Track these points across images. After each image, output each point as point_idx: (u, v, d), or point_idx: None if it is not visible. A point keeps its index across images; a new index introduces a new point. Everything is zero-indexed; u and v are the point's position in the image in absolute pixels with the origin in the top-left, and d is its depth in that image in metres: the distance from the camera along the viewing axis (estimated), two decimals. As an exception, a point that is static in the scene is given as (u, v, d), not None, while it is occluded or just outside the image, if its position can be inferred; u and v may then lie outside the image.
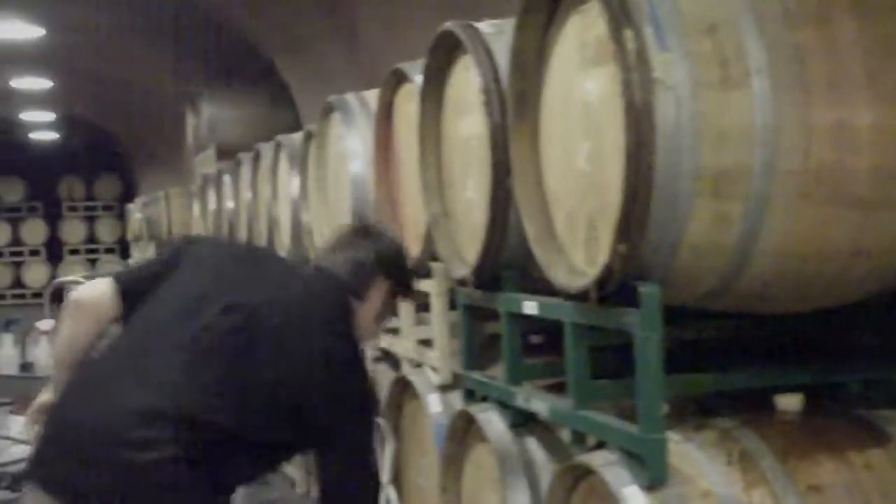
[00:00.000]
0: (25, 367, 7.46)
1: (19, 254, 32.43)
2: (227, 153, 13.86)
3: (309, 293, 3.63)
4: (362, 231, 3.91)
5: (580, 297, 3.39)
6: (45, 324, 7.38)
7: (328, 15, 12.05)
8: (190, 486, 3.29)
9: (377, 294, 3.73)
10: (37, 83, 21.84)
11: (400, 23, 10.34)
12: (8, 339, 7.41)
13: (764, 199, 3.09)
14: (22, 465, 10.03)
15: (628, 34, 3.02)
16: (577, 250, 3.54)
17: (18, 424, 11.46)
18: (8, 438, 11.03)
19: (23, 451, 10.50)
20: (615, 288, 3.20)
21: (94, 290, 3.73)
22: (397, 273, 3.80)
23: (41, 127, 30.55)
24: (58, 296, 8.56)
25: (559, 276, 3.54)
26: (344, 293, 3.64)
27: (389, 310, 3.88)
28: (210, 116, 14.84)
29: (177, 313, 3.53)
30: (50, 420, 3.57)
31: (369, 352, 5.67)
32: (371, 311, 3.73)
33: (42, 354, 7.29)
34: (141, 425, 3.27)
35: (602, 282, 3.22)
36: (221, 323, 3.45)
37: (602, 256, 3.27)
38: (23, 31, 16.28)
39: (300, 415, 3.42)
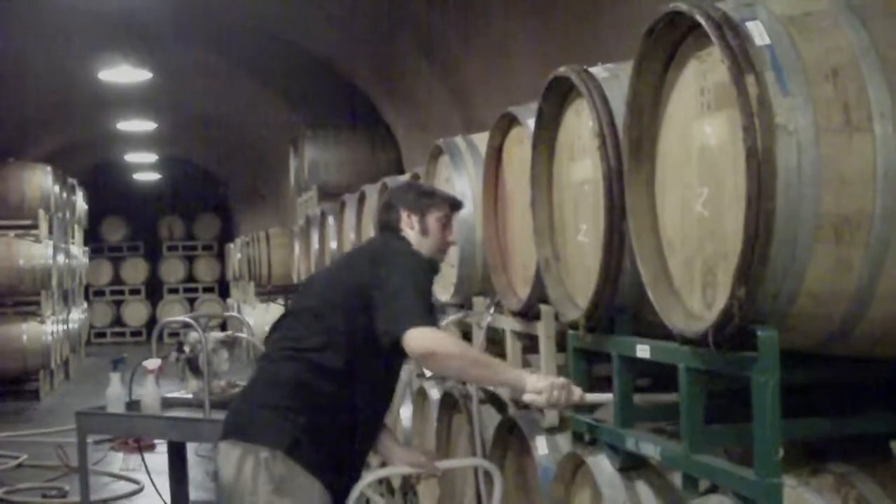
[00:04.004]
0: (131, 405, 7.54)
1: (120, 292, 32.88)
2: (328, 194, 14.00)
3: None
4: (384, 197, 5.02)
5: (696, 341, 3.40)
6: (151, 363, 7.46)
7: (431, 59, 12.15)
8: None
9: (416, 221, 4.71)
10: (141, 125, 22.21)
11: (501, 67, 10.40)
12: (116, 377, 7.50)
13: (885, 245, 3.07)
14: (124, 501, 10.19)
15: (750, 80, 3.03)
16: (694, 295, 3.54)
17: (119, 461, 11.64)
18: (110, 475, 11.20)
19: (122, 486, 10.67)
20: (733, 332, 3.20)
21: None
22: (413, 199, 4.75)
23: (144, 168, 31.07)
24: (162, 336, 8.67)
25: (676, 320, 3.54)
26: (385, 232, 4.77)
27: (438, 230, 4.73)
28: (312, 158, 14.97)
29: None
30: None
31: (473, 391, 5.71)
32: (423, 239, 4.69)
33: (148, 393, 7.36)
34: None
35: (720, 326, 3.21)
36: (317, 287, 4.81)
37: (720, 301, 3.27)
38: (130, 75, 16.59)
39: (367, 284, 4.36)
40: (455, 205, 4.87)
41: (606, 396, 4.26)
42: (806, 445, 3.75)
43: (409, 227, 4.69)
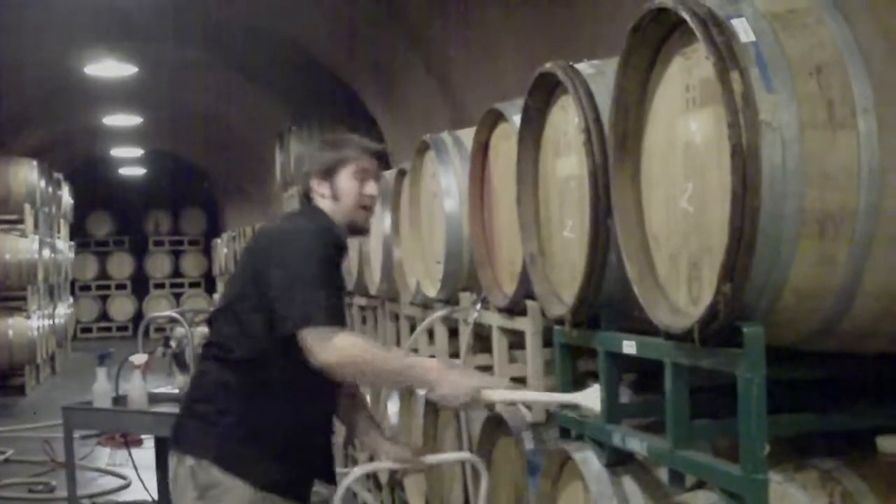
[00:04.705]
0: (118, 400, 7.54)
1: (106, 287, 32.84)
2: (314, 189, 13.98)
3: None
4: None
5: (682, 337, 3.41)
6: (138, 358, 7.46)
7: (418, 54, 12.15)
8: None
9: (326, 187, 4.37)
10: (127, 120, 22.19)
11: (488, 62, 10.40)
12: (102, 373, 7.50)
13: (869, 241, 3.08)
14: (111, 496, 10.19)
15: (735, 76, 3.04)
16: (679, 290, 3.54)
17: (106, 456, 11.65)
18: (97, 470, 11.20)
19: (109, 482, 10.67)
20: (718, 328, 3.21)
21: None
22: (323, 161, 4.42)
23: (130, 162, 31.05)
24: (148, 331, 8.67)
25: (661, 315, 3.55)
26: (302, 204, 4.46)
27: (352, 189, 4.37)
28: (298, 152, 14.95)
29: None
30: None
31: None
32: (336, 204, 4.37)
33: (135, 388, 7.36)
34: None
35: (706, 322, 3.22)
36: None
37: (705, 297, 3.28)
38: (116, 69, 16.57)
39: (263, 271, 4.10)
40: (371, 151, 4.49)
41: (521, 395, 4.31)
42: (791, 441, 3.76)
43: (322, 196, 4.38)
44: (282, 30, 14.68)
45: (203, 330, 7.59)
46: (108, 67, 16.49)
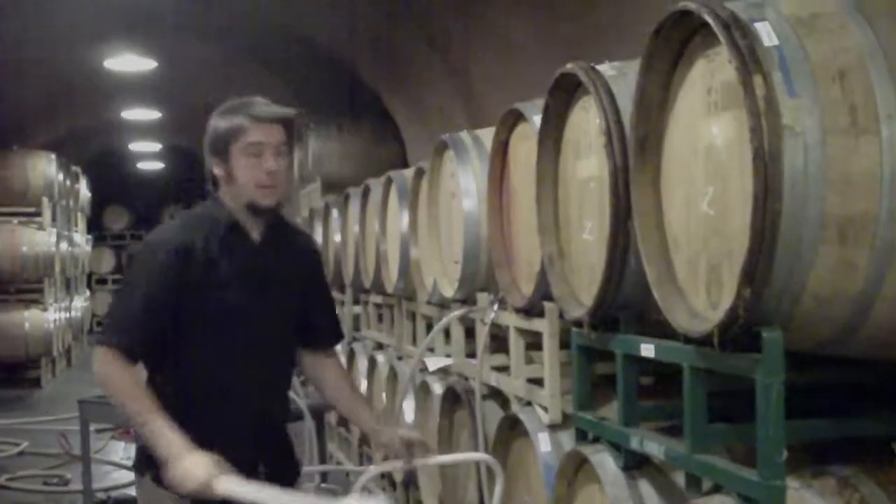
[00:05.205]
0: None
1: (122, 280, 32.79)
2: (332, 187, 13.99)
3: None
4: None
5: (701, 341, 3.40)
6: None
7: (438, 54, 12.14)
8: None
9: (221, 167, 3.94)
10: (146, 114, 22.20)
11: (506, 62, 10.39)
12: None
13: (889, 246, 3.07)
14: (125, 490, 10.20)
15: (758, 80, 3.03)
16: (699, 294, 3.54)
17: (120, 450, 11.66)
18: (110, 463, 11.21)
19: (124, 476, 10.68)
20: (737, 333, 3.20)
21: None
22: (215, 136, 3.95)
23: (148, 157, 31.03)
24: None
25: (680, 319, 3.54)
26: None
27: (246, 166, 3.89)
28: (316, 149, 14.95)
29: None
30: None
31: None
32: (232, 186, 3.94)
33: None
34: None
35: (725, 326, 3.22)
36: None
37: (725, 301, 3.28)
38: (135, 63, 16.57)
39: None
40: (266, 118, 3.93)
41: (265, 495, 3.62)
42: (808, 447, 3.74)
43: (224, 181, 3.98)
44: (300, 27, 14.67)
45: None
46: (128, 62, 16.49)
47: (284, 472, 4.14)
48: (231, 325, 3.97)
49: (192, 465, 3.61)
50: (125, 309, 3.94)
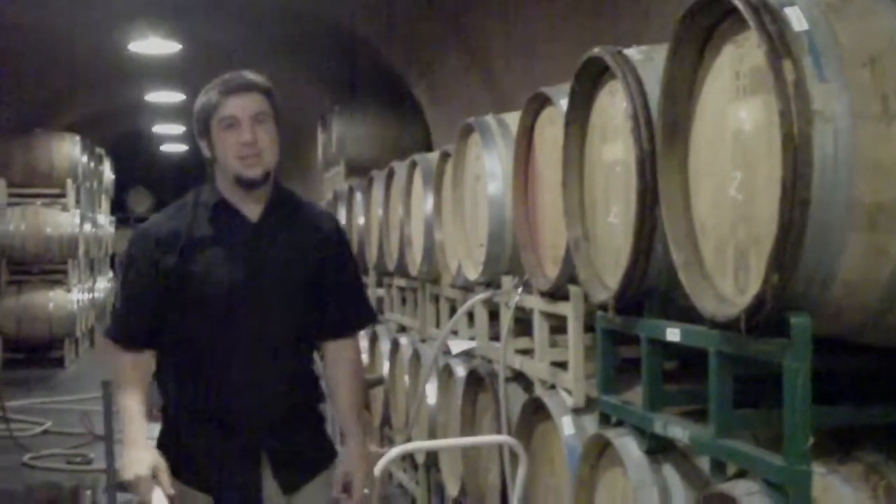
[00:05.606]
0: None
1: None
2: (355, 170, 14.00)
3: None
4: None
5: (727, 325, 3.39)
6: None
7: (462, 37, 12.13)
8: None
9: (207, 146, 3.93)
10: (170, 97, 22.22)
11: (529, 45, 10.38)
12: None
13: (919, 233, 3.07)
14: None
15: (787, 65, 3.02)
16: (726, 279, 3.53)
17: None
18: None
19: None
20: (765, 318, 3.20)
21: None
22: (196, 117, 3.94)
23: (171, 139, 31.09)
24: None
25: (707, 304, 3.54)
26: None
27: (225, 139, 3.86)
28: (340, 132, 14.95)
29: None
30: None
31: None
32: (219, 164, 3.93)
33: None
34: None
35: (752, 311, 3.21)
36: None
37: (752, 286, 3.27)
38: (160, 46, 16.59)
39: None
40: (228, 90, 3.88)
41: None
42: (834, 433, 3.74)
43: (212, 162, 3.97)
44: (324, 12, 14.66)
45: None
46: (153, 45, 16.50)
47: (294, 466, 4.04)
48: (219, 307, 3.90)
49: (135, 458, 3.70)
50: (116, 300, 4.07)
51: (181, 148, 32.57)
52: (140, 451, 3.74)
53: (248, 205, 3.98)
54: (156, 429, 4.00)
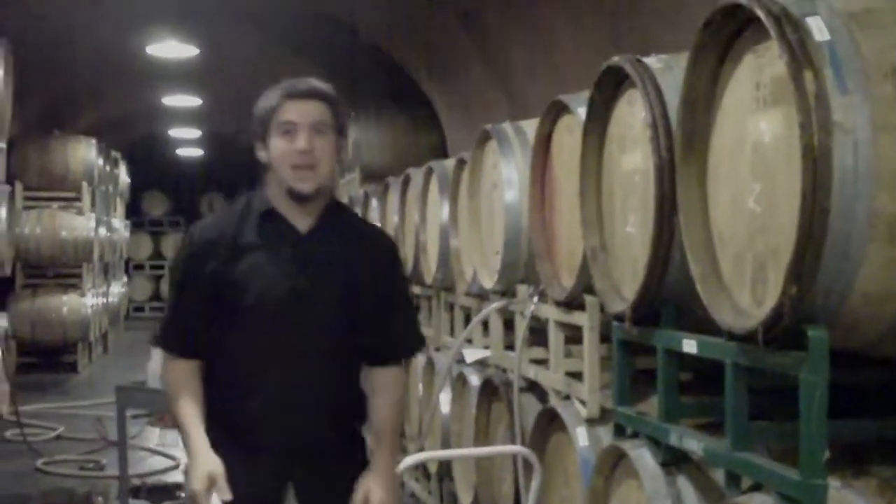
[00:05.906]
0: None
1: (160, 267, 32.87)
2: (370, 176, 14.00)
3: None
4: None
5: (745, 338, 3.37)
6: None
7: (478, 43, 12.12)
8: None
9: (264, 152, 3.80)
10: (186, 101, 22.25)
11: (547, 52, 10.37)
12: (157, 352, 7.51)
13: (940, 247, 3.04)
14: (160, 476, 10.24)
15: (808, 76, 3.00)
16: (743, 291, 3.51)
17: (156, 436, 11.70)
18: (146, 449, 11.25)
19: (159, 462, 10.73)
20: (783, 330, 3.17)
21: None
22: (255, 121, 3.80)
23: (187, 143, 31.11)
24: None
25: (724, 316, 3.51)
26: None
27: (283, 146, 3.73)
28: (355, 138, 14.96)
29: None
30: None
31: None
32: (274, 171, 3.78)
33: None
34: None
35: (770, 324, 3.18)
36: None
37: (770, 298, 3.25)
38: (177, 50, 16.62)
39: None
40: (290, 93, 3.76)
41: None
42: (849, 447, 3.71)
43: (267, 167, 3.83)
44: (342, 15, 14.68)
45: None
46: (170, 48, 16.53)
47: (325, 483, 3.90)
48: (256, 318, 3.79)
49: (192, 471, 3.64)
50: (166, 308, 4.04)
51: (197, 152, 32.60)
52: (198, 463, 3.65)
53: (298, 216, 3.85)
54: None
